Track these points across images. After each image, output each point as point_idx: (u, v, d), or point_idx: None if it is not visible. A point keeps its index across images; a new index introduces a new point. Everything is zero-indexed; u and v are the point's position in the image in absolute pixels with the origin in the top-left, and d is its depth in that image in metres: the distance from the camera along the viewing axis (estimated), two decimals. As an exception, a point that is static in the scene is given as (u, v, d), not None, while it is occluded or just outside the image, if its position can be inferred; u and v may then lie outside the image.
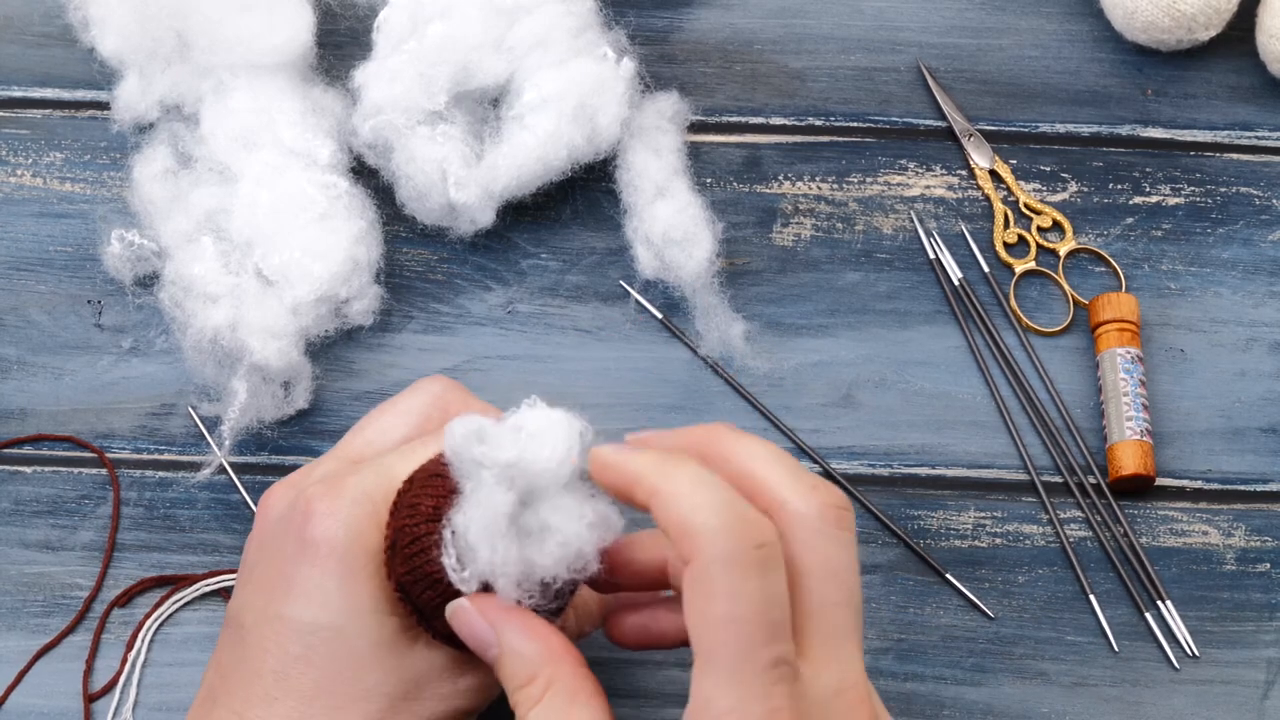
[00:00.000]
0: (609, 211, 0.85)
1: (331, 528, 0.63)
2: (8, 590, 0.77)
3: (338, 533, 0.63)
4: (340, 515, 0.63)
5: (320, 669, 0.62)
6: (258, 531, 0.66)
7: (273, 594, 0.63)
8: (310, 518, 0.63)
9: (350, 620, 0.62)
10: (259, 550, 0.66)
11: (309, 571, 0.63)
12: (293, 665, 0.62)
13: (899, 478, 0.80)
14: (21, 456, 0.80)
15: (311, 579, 0.63)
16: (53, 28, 0.88)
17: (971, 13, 0.90)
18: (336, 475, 0.65)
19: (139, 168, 0.83)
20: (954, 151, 0.87)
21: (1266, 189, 0.86)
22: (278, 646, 0.62)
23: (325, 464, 0.67)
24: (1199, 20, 0.86)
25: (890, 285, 0.84)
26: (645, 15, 0.89)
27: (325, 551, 0.63)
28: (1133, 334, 0.81)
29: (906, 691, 0.75)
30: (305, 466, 0.67)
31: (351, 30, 0.87)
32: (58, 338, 0.82)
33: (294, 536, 0.63)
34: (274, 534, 0.65)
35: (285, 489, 0.66)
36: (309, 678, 0.62)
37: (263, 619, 0.63)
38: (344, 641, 0.62)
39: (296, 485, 0.66)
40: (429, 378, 0.69)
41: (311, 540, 0.63)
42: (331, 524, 0.63)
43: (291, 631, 0.62)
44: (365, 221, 0.81)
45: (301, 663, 0.62)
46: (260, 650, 0.63)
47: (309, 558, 0.63)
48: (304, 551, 0.63)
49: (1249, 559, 0.78)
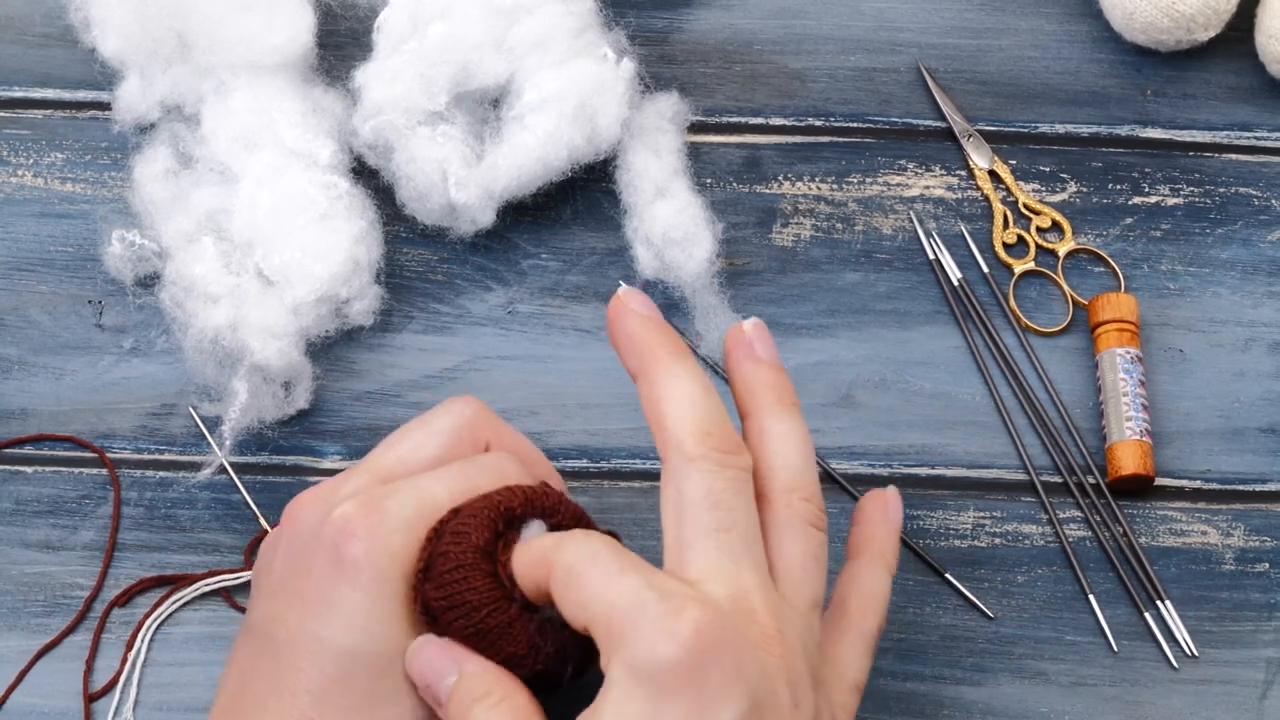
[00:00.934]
0: (609, 211, 0.85)
1: (374, 550, 0.62)
2: (8, 590, 0.77)
3: (379, 555, 0.62)
4: (381, 537, 0.63)
5: (358, 693, 0.62)
6: (287, 543, 0.65)
7: (308, 612, 0.63)
8: (351, 538, 0.63)
9: (389, 646, 0.62)
10: (288, 562, 0.65)
11: (349, 593, 0.62)
12: (331, 687, 0.62)
13: (899, 478, 0.80)
14: (22, 456, 0.80)
15: (351, 601, 0.62)
16: (54, 28, 0.88)
17: (971, 13, 0.90)
18: (372, 494, 0.64)
19: (140, 168, 0.83)
20: (953, 152, 0.87)
21: (1265, 189, 0.86)
22: (315, 668, 0.62)
23: (356, 478, 0.66)
24: (1198, 21, 0.86)
25: (890, 285, 0.84)
26: (645, 15, 0.89)
27: (368, 575, 0.62)
28: (1132, 334, 0.81)
29: (906, 691, 0.75)
30: (334, 479, 0.66)
31: (352, 30, 0.88)
32: (58, 338, 0.82)
33: (330, 554, 0.63)
34: (306, 548, 0.64)
35: (316, 502, 0.65)
36: (347, 701, 0.62)
37: (299, 637, 0.63)
38: (382, 666, 0.62)
39: (328, 500, 0.65)
40: (459, 398, 0.68)
41: (353, 561, 0.62)
42: (374, 546, 0.62)
43: (330, 654, 0.62)
44: (366, 222, 0.82)
45: (340, 685, 0.62)
46: (294, 669, 0.62)
47: (349, 579, 0.62)
48: (342, 572, 0.62)
49: (1248, 559, 0.79)
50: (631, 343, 0.65)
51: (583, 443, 0.80)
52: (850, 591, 0.68)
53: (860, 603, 0.68)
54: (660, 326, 0.65)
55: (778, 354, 0.67)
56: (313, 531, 0.64)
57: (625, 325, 0.65)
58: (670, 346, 0.64)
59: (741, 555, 0.61)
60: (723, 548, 0.60)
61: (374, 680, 0.62)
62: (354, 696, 0.62)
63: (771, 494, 0.64)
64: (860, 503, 0.71)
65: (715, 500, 0.61)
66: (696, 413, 0.62)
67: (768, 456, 0.65)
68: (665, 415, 0.63)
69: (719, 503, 0.61)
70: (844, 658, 0.66)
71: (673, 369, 0.63)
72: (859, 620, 0.67)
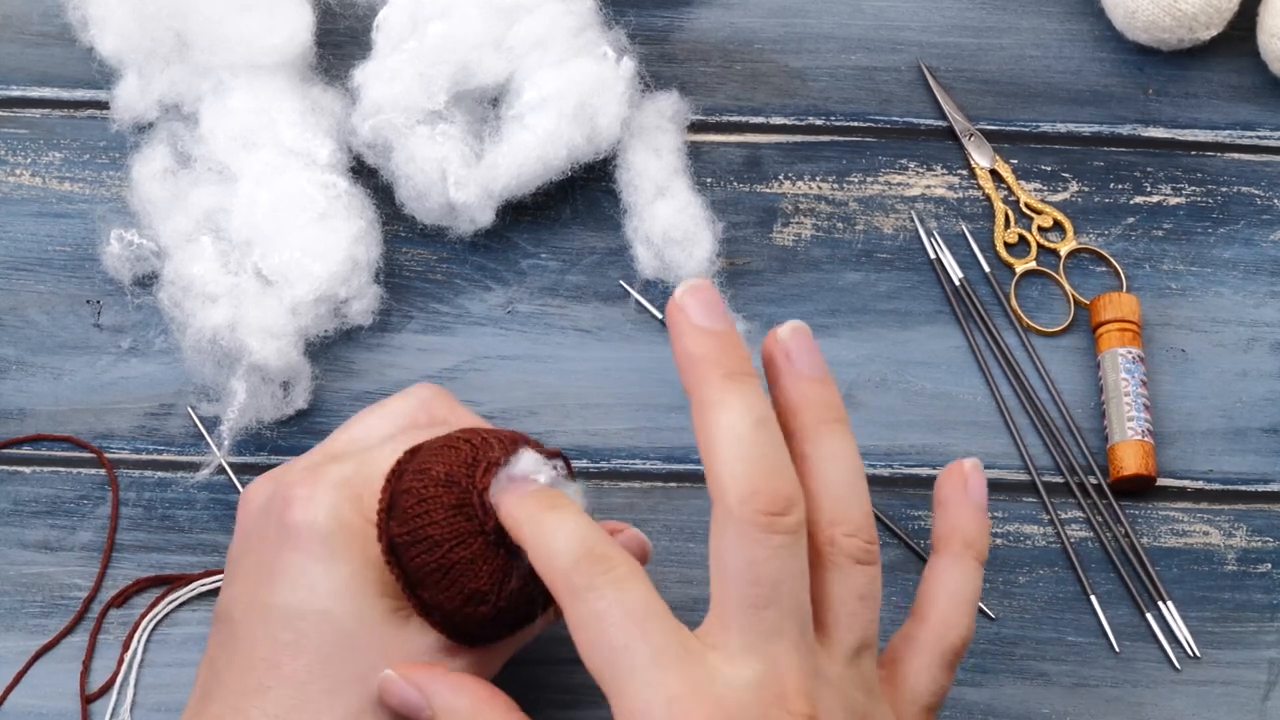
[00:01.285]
0: (609, 211, 0.84)
1: (312, 512, 0.63)
2: (6, 590, 0.77)
3: (318, 516, 0.63)
4: (320, 499, 0.63)
5: (312, 654, 0.62)
6: (240, 526, 0.67)
7: (259, 584, 0.63)
8: (290, 504, 0.63)
9: (337, 602, 0.62)
10: (243, 544, 0.66)
11: (292, 557, 0.63)
12: (284, 652, 0.62)
13: (899, 478, 0.80)
14: (20, 457, 0.80)
15: (295, 564, 0.63)
16: (52, 27, 0.88)
17: (972, 12, 0.90)
18: (315, 465, 0.65)
19: (138, 167, 0.83)
20: (954, 151, 0.87)
21: (1267, 189, 0.86)
22: (267, 635, 0.62)
23: (307, 458, 0.67)
24: (1200, 19, 0.86)
25: (891, 285, 0.83)
26: (645, 15, 0.89)
27: (307, 536, 0.63)
28: (1134, 334, 0.81)
29: (907, 692, 0.75)
30: (286, 463, 0.68)
31: (351, 30, 0.87)
32: (57, 338, 0.82)
33: (275, 525, 0.63)
34: (256, 525, 0.65)
35: (266, 483, 0.66)
36: (301, 663, 0.62)
37: (251, 610, 0.63)
38: (333, 624, 0.62)
39: (278, 479, 0.66)
40: (419, 384, 0.69)
41: (293, 525, 0.63)
42: (312, 508, 0.63)
43: (279, 619, 0.62)
44: (365, 221, 0.81)
45: (292, 649, 0.62)
46: (250, 642, 0.63)
47: (291, 543, 0.63)
48: (286, 538, 0.63)
49: (1250, 559, 0.78)
50: (685, 360, 0.58)
51: (583, 443, 0.80)
52: (932, 595, 0.64)
53: (942, 609, 0.63)
54: (719, 340, 0.58)
55: (821, 359, 0.61)
56: (261, 508, 0.65)
57: (679, 339, 0.58)
58: (727, 366, 0.57)
59: (781, 632, 0.57)
60: (759, 626, 0.56)
61: (328, 642, 0.62)
62: (308, 659, 0.62)
63: (814, 528, 0.59)
64: (938, 481, 0.65)
65: (756, 575, 0.56)
66: (743, 460, 0.57)
67: (810, 484, 0.59)
68: (711, 457, 0.57)
69: (759, 578, 0.56)
70: (916, 678, 0.62)
71: (724, 398, 0.57)
72: (940, 632, 0.63)
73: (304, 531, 0.63)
